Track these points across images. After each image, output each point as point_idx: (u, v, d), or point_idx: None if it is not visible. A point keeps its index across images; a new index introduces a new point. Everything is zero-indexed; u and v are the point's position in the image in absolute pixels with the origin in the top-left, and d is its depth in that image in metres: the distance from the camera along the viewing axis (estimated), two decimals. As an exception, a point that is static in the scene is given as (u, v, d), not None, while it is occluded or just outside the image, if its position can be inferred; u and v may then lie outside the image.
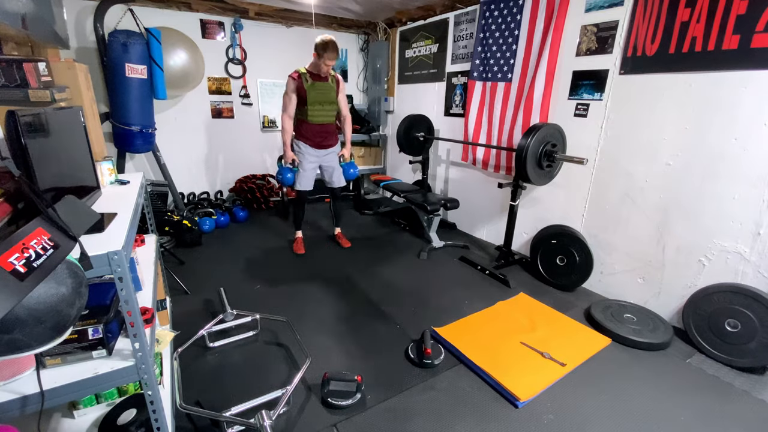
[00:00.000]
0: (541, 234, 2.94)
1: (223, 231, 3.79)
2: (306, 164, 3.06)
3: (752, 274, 2.01)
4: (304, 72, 2.89)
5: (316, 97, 2.93)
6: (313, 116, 2.97)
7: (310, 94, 2.89)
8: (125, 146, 3.35)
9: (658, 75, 2.23)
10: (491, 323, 2.32)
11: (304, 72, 2.89)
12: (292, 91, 2.90)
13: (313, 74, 2.91)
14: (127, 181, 1.75)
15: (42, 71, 1.73)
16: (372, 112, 5.02)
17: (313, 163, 3.10)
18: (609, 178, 2.58)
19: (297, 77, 2.87)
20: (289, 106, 2.95)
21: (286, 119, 2.98)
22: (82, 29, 3.37)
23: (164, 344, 1.56)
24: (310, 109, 2.94)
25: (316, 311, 2.42)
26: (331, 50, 2.74)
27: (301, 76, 2.88)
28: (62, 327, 0.78)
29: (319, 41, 2.77)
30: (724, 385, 1.87)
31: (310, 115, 2.96)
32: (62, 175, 1.19)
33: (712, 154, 2.07)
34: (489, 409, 1.69)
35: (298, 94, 2.91)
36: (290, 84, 2.89)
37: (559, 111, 2.80)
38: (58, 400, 0.98)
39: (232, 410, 1.52)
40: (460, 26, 3.59)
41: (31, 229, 0.73)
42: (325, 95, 2.96)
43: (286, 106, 2.96)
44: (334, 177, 3.20)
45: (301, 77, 2.87)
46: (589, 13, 2.51)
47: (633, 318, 2.29)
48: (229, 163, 4.45)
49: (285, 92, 2.95)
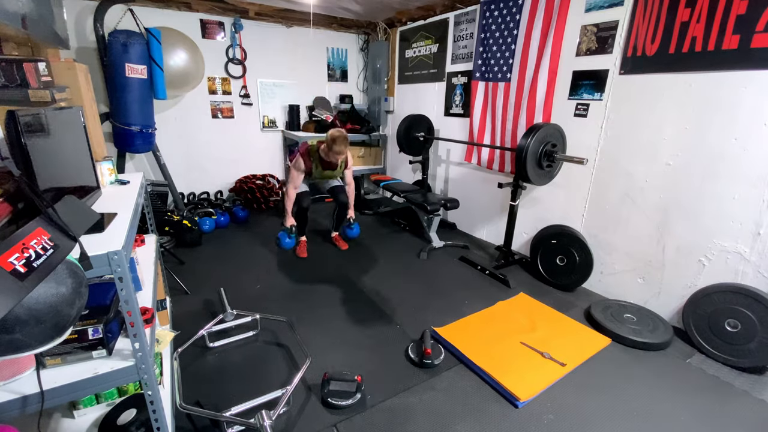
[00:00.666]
0: (541, 234, 2.94)
1: (223, 231, 3.79)
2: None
3: (752, 274, 2.01)
4: (315, 154, 3.02)
5: (322, 175, 3.15)
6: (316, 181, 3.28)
7: (315, 173, 3.09)
8: (125, 146, 3.35)
9: (658, 75, 2.23)
10: (491, 323, 2.32)
11: (315, 154, 3.02)
12: (301, 171, 3.03)
13: (323, 160, 3.04)
14: (127, 181, 1.75)
15: (42, 71, 1.72)
16: (372, 112, 5.02)
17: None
18: (609, 178, 2.58)
19: (308, 158, 3.01)
20: (296, 180, 3.08)
21: (291, 190, 3.10)
22: (82, 29, 3.37)
23: (164, 344, 1.56)
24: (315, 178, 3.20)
25: (316, 311, 2.42)
26: (339, 144, 2.85)
27: (312, 160, 3.02)
28: (62, 327, 0.78)
29: (329, 137, 2.88)
30: (724, 385, 1.87)
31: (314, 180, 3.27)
32: (62, 175, 1.19)
33: (712, 154, 2.07)
34: (489, 409, 1.69)
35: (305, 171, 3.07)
36: (299, 162, 3.01)
37: (559, 111, 2.80)
38: (58, 400, 0.99)
39: (232, 410, 1.52)
40: (460, 26, 3.59)
41: (31, 229, 0.73)
42: (331, 174, 3.19)
43: (293, 179, 3.08)
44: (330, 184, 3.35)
45: (312, 160, 3.02)
46: (589, 13, 2.51)
47: (633, 318, 2.29)
48: (229, 163, 4.45)
49: (294, 164, 3.06)
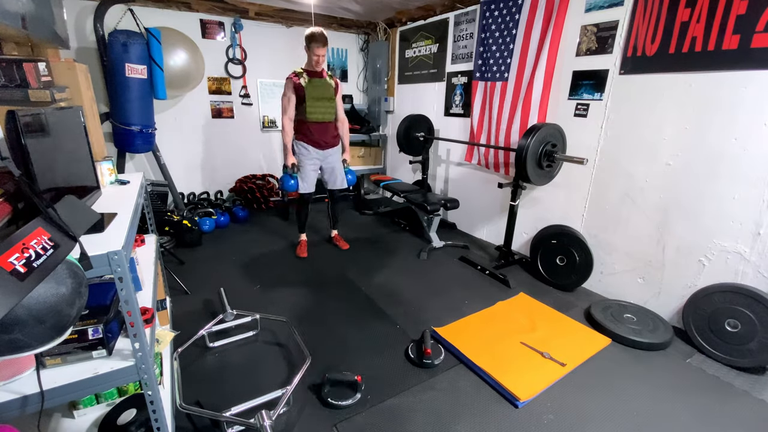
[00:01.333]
0: (541, 234, 2.94)
1: (223, 231, 3.79)
2: (307, 166, 3.06)
3: (752, 274, 2.01)
4: (301, 71, 2.91)
5: (313, 92, 2.92)
6: (311, 113, 2.95)
7: (307, 90, 2.90)
8: (125, 146, 3.35)
9: (658, 75, 2.23)
10: (491, 323, 2.32)
11: (301, 71, 2.91)
12: (291, 91, 2.91)
13: (309, 72, 2.93)
14: (127, 181, 1.75)
15: (42, 71, 1.73)
16: (372, 112, 5.02)
17: (314, 164, 3.09)
18: (609, 178, 2.58)
19: (294, 76, 2.89)
20: (288, 108, 2.95)
21: (287, 121, 2.98)
22: (82, 29, 3.37)
23: (164, 344, 1.56)
24: (308, 107, 2.93)
25: (316, 311, 2.42)
26: (317, 40, 2.77)
27: (298, 75, 2.89)
28: (62, 327, 0.78)
29: (307, 33, 2.81)
30: (724, 385, 1.87)
31: (308, 113, 2.94)
32: (62, 175, 1.19)
33: (712, 154, 2.07)
34: (489, 409, 1.69)
35: (297, 93, 2.91)
36: (288, 84, 2.91)
37: (559, 111, 2.80)
38: (58, 400, 0.98)
39: (232, 410, 1.52)
40: (460, 26, 3.59)
41: (31, 229, 0.73)
42: (323, 91, 2.96)
43: (286, 107, 2.96)
44: (333, 178, 3.19)
45: (298, 76, 2.89)
46: (589, 13, 2.51)
47: (633, 318, 2.29)
48: (229, 163, 4.45)
49: (283, 94, 2.96)
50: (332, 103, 3.03)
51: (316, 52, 2.82)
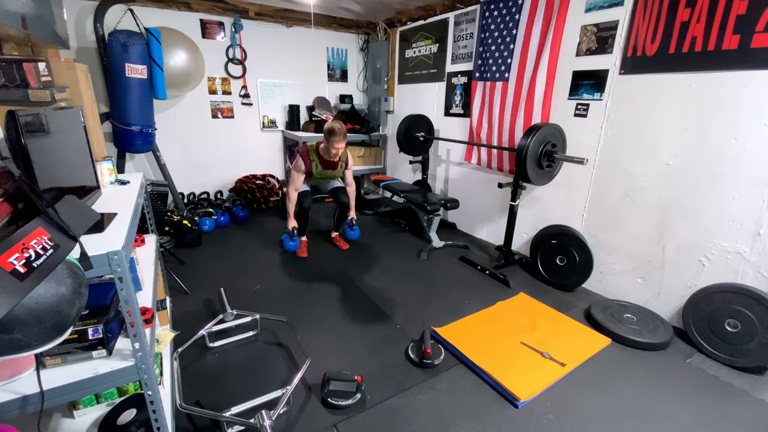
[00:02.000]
0: (541, 234, 2.94)
1: (223, 231, 3.79)
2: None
3: (752, 274, 2.01)
4: (315, 154, 2.99)
5: (321, 174, 3.10)
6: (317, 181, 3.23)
7: (316, 174, 3.05)
8: (125, 146, 3.35)
9: (658, 75, 2.23)
10: (491, 323, 2.32)
11: (315, 154, 2.99)
12: (302, 171, 3.01)
13: (323, 159, 3.00)
14: (127, 181, 1.75)
15: (42, 71, 1.73)
16: (372, 112, 5.02)
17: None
18: (609, 178, 2.58)
19: (307, 158, 2.98)
20: (296, 182, 3.06)
21: (292, 191, 3.07)
22: (82, 29, 3.37)
23: (164, 344, 1.56)
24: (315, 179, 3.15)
25: (316, 311, 2.42)
26: (337, 135, 2.81)
27: (312, 160, 2.99)
28: (62, 327, 0.78)
29: (327, 128, 2.85)
30: (724, 385, 1.87)
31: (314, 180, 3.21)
32: (62, 175, 1.19)
33: (712, 154, 2.07)
34: (489, 409, 1.69)
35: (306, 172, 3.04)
36: (299, 162, 2.99)
37: (559, 111, 2.80)
38: (58, 400, 0.98)
39: (232, 410, 1.52)
40: (460, 26, 3.59)
41: (31, 229, 0.73)
42: (332, 174, 3.15)
43: (294, 181, 3.06)
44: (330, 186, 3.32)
45: (311, 160, 2.99)
46: (589, 13, 2.51)
47: (633, 318, 2.29)
48: (229, 163, 4.45)
49: (294, 165, 3.04)
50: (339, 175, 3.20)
51: (336, 146, 2.86)
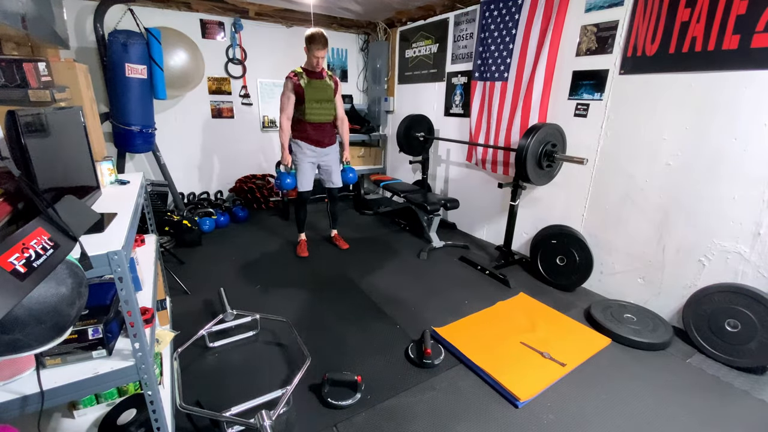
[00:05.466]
0: (541, 234, 2.94)
1: (223, 231, 3.79)
2: (304, 164, 3.05)
3: (752, 274, 2.01)
4: (300, 71, 2.90)
5: (313, 94, 2.92)
6: (310, 114, 2.95)
7: (307, 92, 2.89)
8: (125, 146, 3.35)
9: (658, 75, 2.23)
10: (491, 323, 2.32)
11: (300, 71, 2.90)
12: (290, 91, 2.90)
13: (308, 72, 2.91)
14: (127, 181, 1.75)
15: (42, 71, 1.73)
16: (372, 112, 5.02)
17: (311, 162, 3.09)
18: (609, 178, 2.58)
19: (294, 76, 2.88)
20: (287, 107, 2.94)
21: (285, 120, 2.97)
22: (82, 29, 3.37)
23: (164, 344, 1.56)
24: (307, 108, 2.93)
25: (316, 311, 2.42)
26: (317, 42, 2.76)
27: (298, 75, 2.88)
28: (62, 327, 0.78)
29: (307, 34, 2.80)
30: (724, 385, 1.87)
31: (307, 114, 2.94)
32: (62, 175, 1.19)
33: (712, 154, 2.07)
34: (489, 409, 1.69)
35: (296, 93, 2.90)
36: (287, 84, 2.90)
37: (559, 111, 2.80)
38: (58, 400, 0.98)
39: (232, 410, 1.52)
40: (460, 26, 3.59)
41: (31, 229, 0.73)
42: (323, 93, 2.96)
43: (285, 106, 2.95)
44: (331, 177, 3.20)
45: (297, 76, 2.88)
46: (589, 13, 2.51)
47: (633, 318, 2.29)
48: (229, 163, 4.45)
49: (282, 93, 2.95)
50: (331, 104, 3.03)
51: (316, 54, 2.80)
